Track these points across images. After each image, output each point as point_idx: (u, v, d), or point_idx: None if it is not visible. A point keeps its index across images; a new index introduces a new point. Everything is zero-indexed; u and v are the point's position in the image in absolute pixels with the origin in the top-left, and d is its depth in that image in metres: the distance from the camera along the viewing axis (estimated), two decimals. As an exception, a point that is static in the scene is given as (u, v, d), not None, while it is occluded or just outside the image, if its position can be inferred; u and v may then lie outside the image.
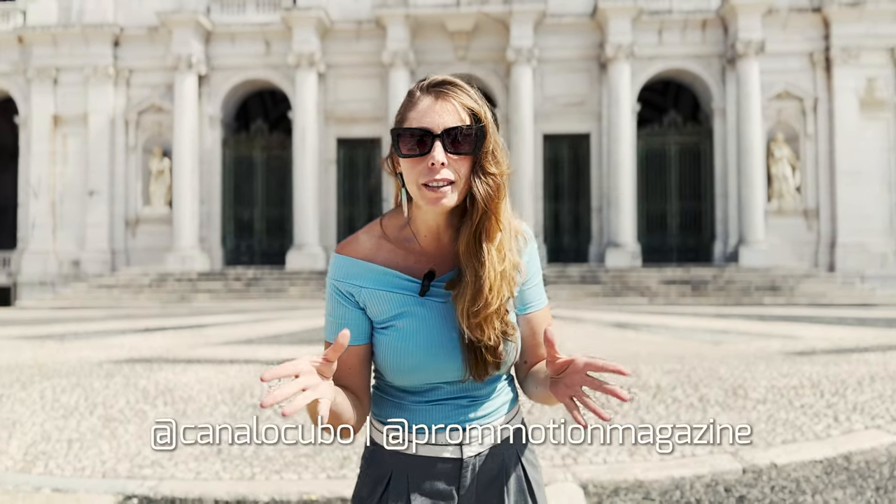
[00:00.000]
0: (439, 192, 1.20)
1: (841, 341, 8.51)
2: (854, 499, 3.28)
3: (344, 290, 1.30)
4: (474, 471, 1.32)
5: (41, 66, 23.90)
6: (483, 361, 1.27)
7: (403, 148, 1.22)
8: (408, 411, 1.33)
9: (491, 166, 1.23)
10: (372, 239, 1.32)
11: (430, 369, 1.28)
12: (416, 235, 1.31)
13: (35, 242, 23.80)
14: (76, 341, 9.55)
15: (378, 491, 1.33)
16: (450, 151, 1.20)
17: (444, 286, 1.29)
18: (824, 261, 22.69)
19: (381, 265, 1.29)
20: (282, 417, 1.09)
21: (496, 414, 1.36)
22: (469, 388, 1.32)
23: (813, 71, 23.15)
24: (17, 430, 4.47)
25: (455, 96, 1.23)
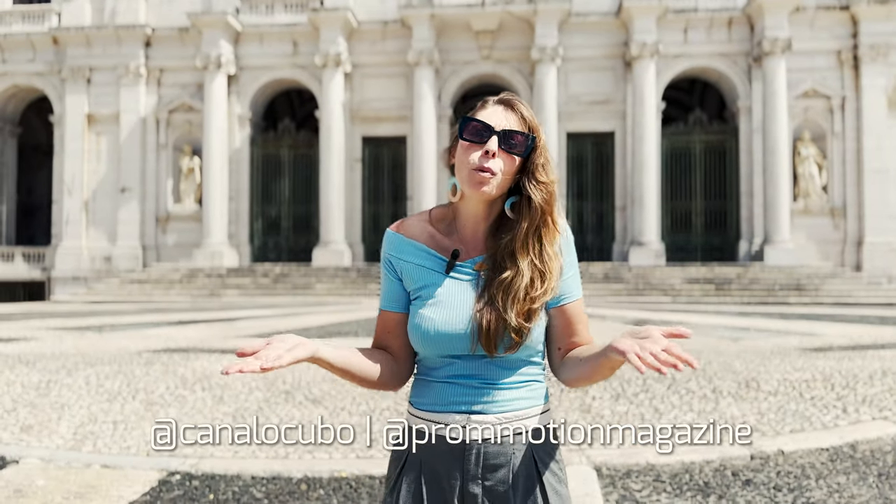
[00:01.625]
0: (483, 178, 1.36)
1: (859, 338, 8.58)
2: (857, 484, 3.44)
3: (389, 262, 1.49)
4: (479, 457, 1.37)
5: (75, 65, 24.51)
6: (490, 334, 1.36)
7: (466, 134, 1.39)
8: (427, 389, 1.42)
9: (541, 176, 1.40)
10: (419, 221, 1.50)
11: (441, 337, 1.38)
12: (457, 224, 1.47)
13: (68, 239, 24.43)
14: (114, 332, 9.93)
15: (398, 467, 1.43)
16: (503, 147, 1.37)
17: (474, 267, 1.43)
18: (851, 260, 22.52)
19: (419, 242, 1.46)
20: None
21: (511, 405, 1.40)
22: (482, 368, 1.39)
23: (840, 69, 22.97)
24: (66, 412, 4.77)
25: (519, 108, 1.42)
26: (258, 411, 4.70)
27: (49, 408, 4.86)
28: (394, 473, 1.44)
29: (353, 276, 21.80)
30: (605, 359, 1.31)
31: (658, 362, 1.17)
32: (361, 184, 24.28)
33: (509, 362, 1.41)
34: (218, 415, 4.64)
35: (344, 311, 14.64)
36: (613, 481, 3.51)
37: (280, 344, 1.26)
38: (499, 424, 1.38)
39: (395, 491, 1.42)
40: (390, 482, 1.45)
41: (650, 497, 3.32)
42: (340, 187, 23.27)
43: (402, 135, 23.86)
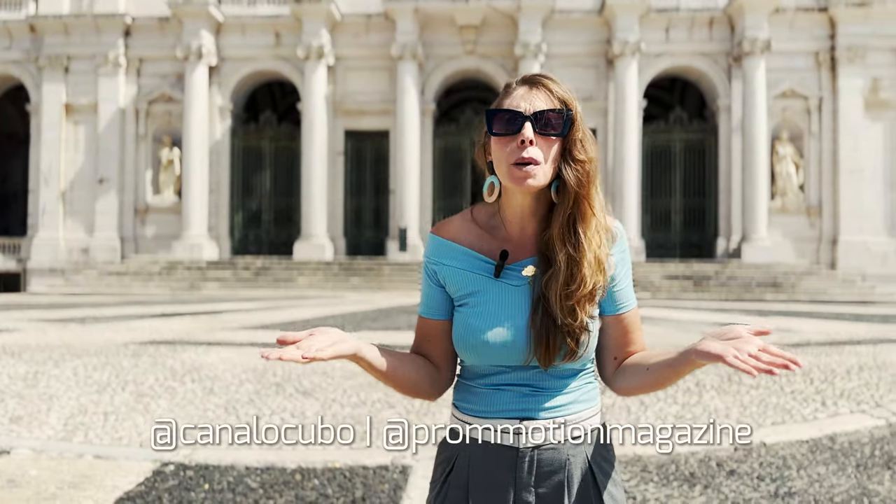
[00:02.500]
0: (526, 172, 1.25)
1: (835, 335, 8.78)
2: (836, 474, 3.55)
3: (430, 269, 1.38)
4: (532, 463, 1.31)
5: (53, 54, 24.17)
6: (553, 347, 1.27)
7: (496, 127, 1.28)
8: (474, 395, 1.35)
9: (580, 153, 1.28)
10: (462, 222, 1.38)
11: (494, 348, 1.29)
12: (503, 222, 1.36)
13: (45, 229, 24.12)
14: (97, 324, 9.86)
15: (444, 473, 1.36)
16: (538, 132, 1.25)
17: (522, 271, 1.32)
18: (826, 258, 22.91)
19: (464, 245, 1.35)
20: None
21: (563, 410, 1.33)
22: (534, 377, 1.32)
23: (818, 70, 23.32)
24: (55, 403, 4.76)
25: (547, 85, 1.29)
26: (249, 403, 4.73)
27: (37, 399, 4.85)
28: (440, 477, 1.38)
29: (335, 270, 21.77)
30: (686, 364, 1.22)
31: (764, 364, 1.10)
32: (344, 177, 24.23)
33: (561, 371, 1.33)
34: (209, 406, 4.66)
35: (328, 305, 14.65)
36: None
37: (323, 336, 1.21)
38: (552, 429, 1.31)
39: (441, 495, 1.36)
40: (436, 485, 1.38)
41: (638, 487, 3.41)
42: (322, 180, 23.20)
43: (385, 128, 23.84)
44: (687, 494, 3.33)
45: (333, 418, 4.40)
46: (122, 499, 3.25)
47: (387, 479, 3.46)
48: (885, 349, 7.12)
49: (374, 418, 4.43)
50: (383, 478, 3.48)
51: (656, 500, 3.27)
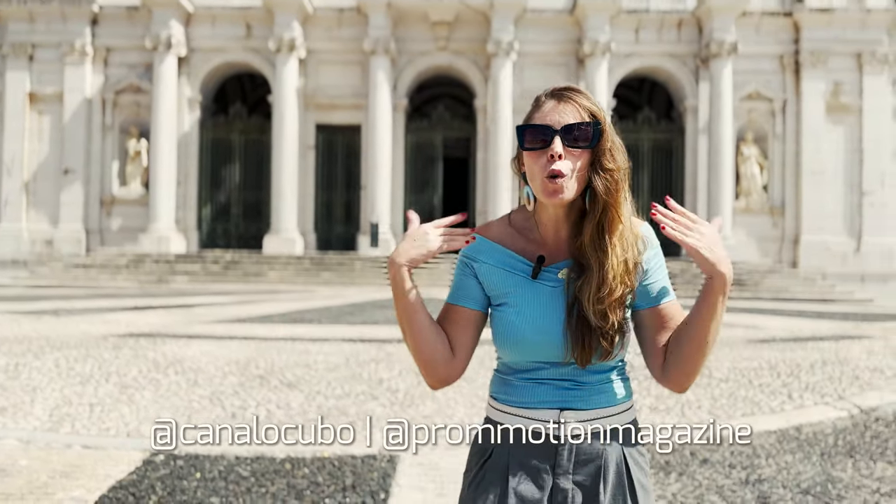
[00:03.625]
0: (557, 185, 1.31)
1: (799, 331, 9.09)
2: (802, 462, 3.75)
3: (468, 262, 1.44)
4: (571, 453, 1.36)
5: (17, 41, 23.66)
6: (589, 347, 1.33)
7: (527, 142, 1.34)
8: (513, 387, 1.40)
9: (609, 163, 1.35)
10: (501, 225, 1.46)
11: (534, 346, 1.35)
12: (538, 227, 1.42)
13: (7, 220, 23.63)
14: (71, 317, 9.77)
15: (480, 462, 1.40)
16: (568, 145, 1.32)
17: (557, 274, 1.38)
18: (788, 257, 23.51)
19: (503, 246, 1.42)
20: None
21: (600, 403, 1.39)
22: (573, 373, 1.38)
23: (783, 73, 23.88)
24: (39, 395, 4.77)
25: (576, 98, 1.36)
26: (234, 394, 4.78)
27: (20, 390, 4.84)
28: (475, 466, 1.41)
29: (305, 265, 21.71)
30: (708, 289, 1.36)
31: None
32: (314, 171, 24.13)
33: (599, 368, 1.39)
34: (194, 397, 4.71)
35: (301, 300, 14.64)
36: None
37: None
38: (590, 421, 1.37)
39: (478, 483, 1.39)
40: (471, 474, 1.42)
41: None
42: (293, 174, 23.09)
43: (357, 123, 23.80)
44: (663, 481, 3.49)
45: (318, 409, 4.48)
46: (115, 487, 3.30)
47: (375, 468, 3.56)
48: (846, 345, 7.42)
49: (359, 410, 4.51)
50: (372, 466, 3.58)
51: (635, 486, 3.42)
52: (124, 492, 3.25)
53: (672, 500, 3.28)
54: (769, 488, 3.41)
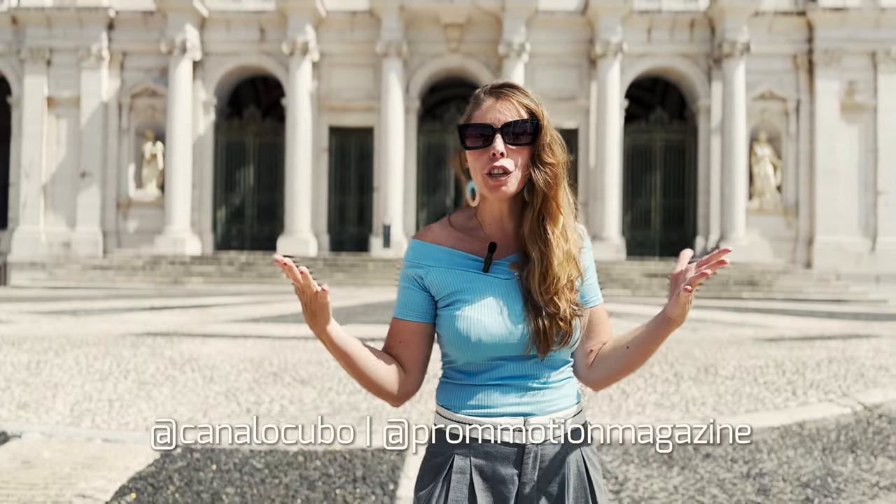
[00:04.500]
0: (500, 181, 1.33)
1: (808, 330, 9.13)
2: (803, 457, 3.82)
3: (413, 273, 1.42)
4: (536, 458, 1.35)
5: (35, 46, 24.01)
6: (548, 334, 1.34)
7: (469, 141, 1.36)
8: (472, 393, 1.37)
9: (548, 157, 1.36)
10: (442, 228, 1.45)
11: (493, 339, 1.33)
12: (482, 225, 1.43)
13: (26, 223, 23.98)
14: (89, 316, 9.97)
15: (441, 474, 1.36)
16: (508, 143, 1.33)
17: (508, 266, 1.39)
18: (802, 258, 23.41)
19: (448, 247, 1.41)
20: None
21: (560, 404, 1.39)
22: (533, 369, 1.37)
23: (796, 73, 23.79)
24: (60, 391, 4.92)
25: (514, 96, 1.36)
26: (249, 391, 4.91)
27: (43, 386, 5.00)
28: (435, 480, 1.37)
29: (319, 266, 21.89)
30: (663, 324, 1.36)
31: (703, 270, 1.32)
32: (328, 173, 24.32)
33: (555, 361, 1.39)
34: (210, 393, 4.84)
35: (312, 300, 14.76)
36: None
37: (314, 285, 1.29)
38: (552, 426, 1.37)
39: (440, 499, 1.35)
40: (434, 493, 1.36)
41: (619, 468, 3.65)
42: (307, 176, 23.28)
43: (370, 125, 23.96)
44: (666, 475, 3.57)
45: (330, 404, 4.61)
46: (135, 478, 3.43)
47: (385, 461, 3.67)
48: (853, 344, 7.46)
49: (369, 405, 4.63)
50: (381, 459, 3.69)
51: (637, 479, 3.51)
52: (143, 482, 3.38)
53: (673, 492, 3.36)
54: (769, 482, 3.48)
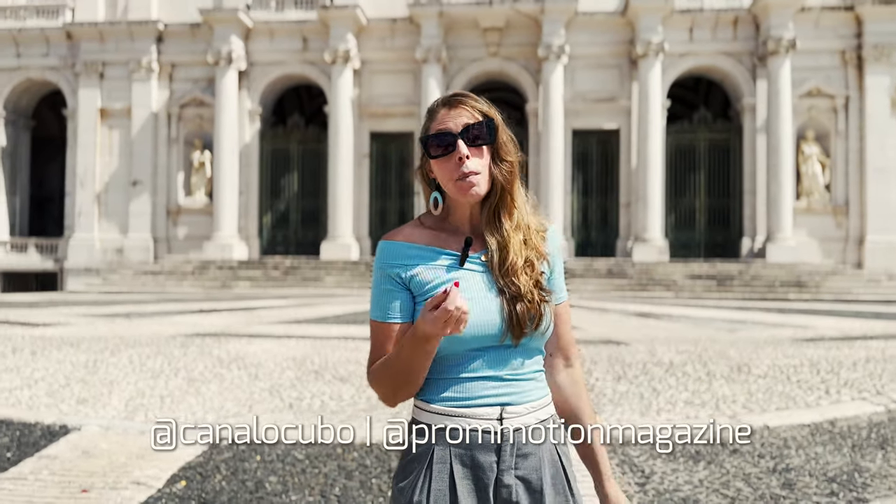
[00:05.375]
0: (469, 183, 1.39)
1: (850, 331, 8.99)
2: (832, 453, 3.85)
3: (391, 274, 1.44)
4: (514, 446, 1.39)
5: (88, 60, 24.96)
6: (520, 319, 1.37)
7: (432, 150, 1.41)
8: (450, 386, 1.40)
9: (507, 155, 1.43)
10: (413, 227, 1.49)
11: (472, 330, 1.36)
12: (454, 226, 1.48)
13: (81, 230, 24.90)
14: (142, 319, 10.40)
15: (423, 464, 1.39)
16: (470, 145, 1.39)
17: (482, 259, 1.44)
18: (852, 258, 22.88)
19: (423, 244, 1.45)
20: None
21: (533, 394, 1.43)
22: (509, 358, 1.41)
23: (844, 69, 23.29)
24: (115, 387, 5.21)
25: (466, 103, 1.43)
26: (291, 387, 5.14)
27: (99, 383, 5.30)
28: (417, 471, 1.40)
29: (361, 270, 22.23)
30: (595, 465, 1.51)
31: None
32: (369, 179, 24.70)
33: (529, 351, 1.43)
34: (255, 390, 5.08)
35: (355, 303, 15.10)
36: (614, 449, 3.93)
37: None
38: (528, 414, 1.41)
39: (427, 491, 1.38)
40: (417, 483, 1.39)
41: (647, 462, 3.74)
42: (348, 182, 23.69)
43: (410, 130, 24.25)
44: (691, 469, 3.65)
45: (367, 400, 4.79)
46: (185, 467, 3.66)
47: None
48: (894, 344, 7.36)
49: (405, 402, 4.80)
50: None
51: (663, 473, 3.60)
52: (192, 471, 3.61)
53: (698, 485, 3.45)
54: (795, 476, 3.54)
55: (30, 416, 4.50)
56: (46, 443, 4.05)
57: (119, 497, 3.32)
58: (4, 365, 6.17)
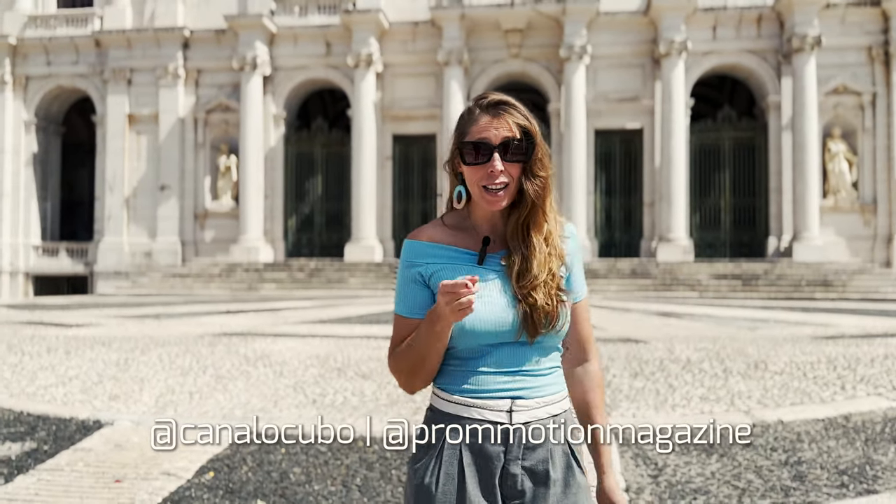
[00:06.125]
0: (497, 196, 1.44)
1: (871, 329, 8.95)
2: (845, 447, 3.90)
3: (413, 272, 1.50)
4: (521, 438, 1.43)
5: (116, 67, 25.46)
6: (535, 319, 1.42)
7: (467, 157, 1.45)
8: (464, 377, 1.46)
9: (540, 171, 1.45)
10: (435, 227, 1.54)
11: (485, 326, 1.42)
12: (474, 225, 1.52)
13: (110, 234, 25.39)
14: (170, 320, 10.67)
15: (435, 449, 1.46)
16: (505, 160, 1.42)
17: (500, 259, 1.48)
18: (881, 257, 22.57)
19: (444, 244, 1.50)
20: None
21: (545, 391, 1.47)
22: (524, 355, 1.46)
23: (871, 65, 23.00)
24: (146, 384, 5.40)
25: (509, 115, 1.45)
26: (315, 384, 5.29)
27: (130, 381, 5.50)
28: (429, 455, 1.46)
29: (385, 271, 22.42)
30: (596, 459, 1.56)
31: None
32: (392, 181, 24.89)
33: (544, 349, 1.48)
34: (280, 386, 5.24)
35: (379, 304, 15.28)
36: (628, 442, 4.02)
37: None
38: (538, 408, 1.45)
39: (437, 475, 1.44)
40: (428, 467, 1.46)
41: (660, 455, 3.82)
42: (372, 185, 23.89)
43: (432, 133, 24.40)
44: (704, 462, 3.73)
45: (388, 396, 4.93)
46: (213, 460, 3.82)
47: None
48: (916, 341, 7.33)
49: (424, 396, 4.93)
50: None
51: (675, 465, 3.68)
52: (220, 463, 3.76)
53: (710, 477, 3.52)
54: (807, 469, 3.60)
55: (65, 412, 4.69)
56: (81, 437, 4.23)
57: (150, 487, 3.48)
58: (40, 364, 6.41)
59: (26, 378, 5.77)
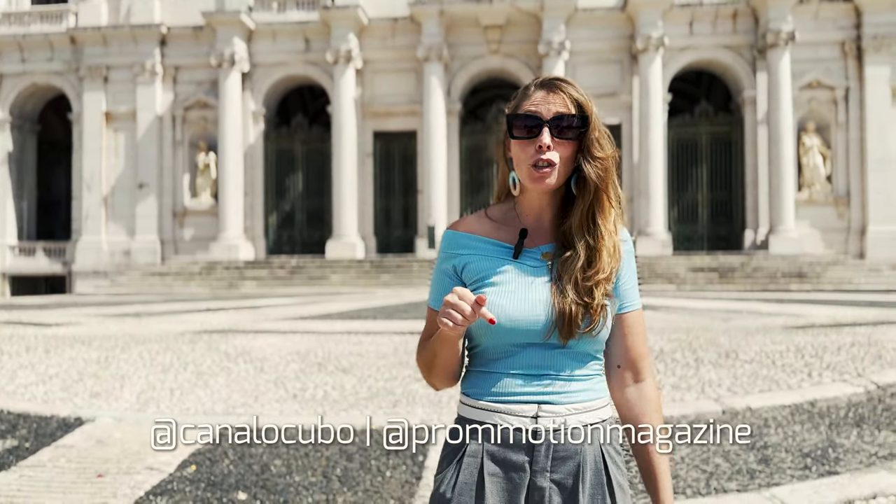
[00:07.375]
0: (544, 172, 1.34)
1: (842, 318, 9.16)
2: (809, 431, 4.05)
3: (447, 264, 1.43)
4: (549, 450, 1.32)
5: (92, 64, 25.23)
6: (573, 319, 1.32)
7: (516, 131, 1.36)
8: (489, 380, 1.37)
9: (598, 151, 1.36)
10: (476, 218, 1.46)
11: (513, 324, 1.32)
12: (519, 216, 1.43)
13: (88, 233, 25.19)
14: (151, 318, 10.66)
15: (456, 457, 1.36)
16: (556, 136, 1.33)
17: (540, 255, 1.39)
18: (854, 249, 22.99)
19: (481, 236, 1.42)
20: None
21: (578, 397, 1.36)
22: (554, 359, 1.35)
23: (844, 60, 23.38)
24: (127, 381, 5.44)
25: (564, 89, 1.37)
26: (296, 378, 5.36)
27: (111, 378, 5.53)
28: (450, 466, 1.37)
29: (366, 268, 22.47)
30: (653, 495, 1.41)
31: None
32: (373, 178, 24.91)
33: (578, 354, 1.37)
34: (261, 382, 5.30)
35: (360, 300, 15.33)
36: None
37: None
38: (569, 415, 1.34)
39: (453, 484, 1.35)
40: (446, 476, 1.37)
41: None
42: (352, 181, 23.90)
43: (413, 129, 24.46)
44: (675, 447, 3.85)
45: (369, 390, 5.01)
46: (194, 454, 3.87)
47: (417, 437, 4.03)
48: (881, 330, 7.52)
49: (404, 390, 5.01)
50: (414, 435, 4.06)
51: (647, 451, 3.80)
52: (202, 456, 3.82)
53: (679, 462, 3.64)
54: (772, 452, 3.73)
55: (46, 410, 4.73)
56: (62, 434, 4.27)
57: (133, 481, 3.54)
58: (19, 362, 6.41)
59: (6, 377, 5.79)
